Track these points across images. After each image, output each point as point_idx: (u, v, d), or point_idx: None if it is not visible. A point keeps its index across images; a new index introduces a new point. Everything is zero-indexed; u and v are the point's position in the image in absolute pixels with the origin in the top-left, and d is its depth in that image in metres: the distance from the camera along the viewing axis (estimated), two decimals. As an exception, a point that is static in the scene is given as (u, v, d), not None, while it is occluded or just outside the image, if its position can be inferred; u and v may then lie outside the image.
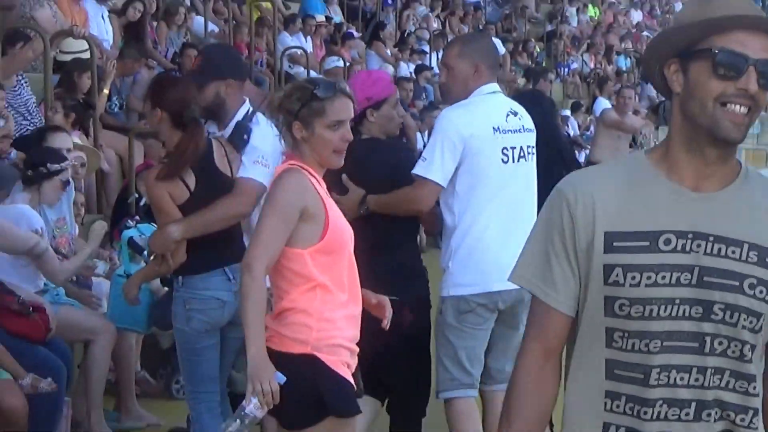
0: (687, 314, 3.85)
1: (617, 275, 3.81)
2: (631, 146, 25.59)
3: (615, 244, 3.81)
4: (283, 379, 7.27)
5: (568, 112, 33.36)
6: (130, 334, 11.83)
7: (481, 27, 36.58)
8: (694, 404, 3.90)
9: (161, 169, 9.08)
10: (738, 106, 3.79)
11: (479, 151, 9.09)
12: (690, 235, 3.81)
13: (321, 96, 7.47)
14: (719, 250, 3.84)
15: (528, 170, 9.68)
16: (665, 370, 3.87)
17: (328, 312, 7.39)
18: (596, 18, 46.84)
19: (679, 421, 3.91)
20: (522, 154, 9.44)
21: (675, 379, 3.89)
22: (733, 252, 3.85)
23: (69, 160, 11.61)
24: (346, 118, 7.46)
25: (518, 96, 14.41)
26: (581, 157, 26.12)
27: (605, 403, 4.00)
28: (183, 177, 9.00)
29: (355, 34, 29.20)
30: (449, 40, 32.88)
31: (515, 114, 9.33)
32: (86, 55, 15.99)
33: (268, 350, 7.48)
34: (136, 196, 14.05)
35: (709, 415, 3.91)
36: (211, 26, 24.10)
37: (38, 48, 15.14)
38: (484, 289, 9.27)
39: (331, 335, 7.36)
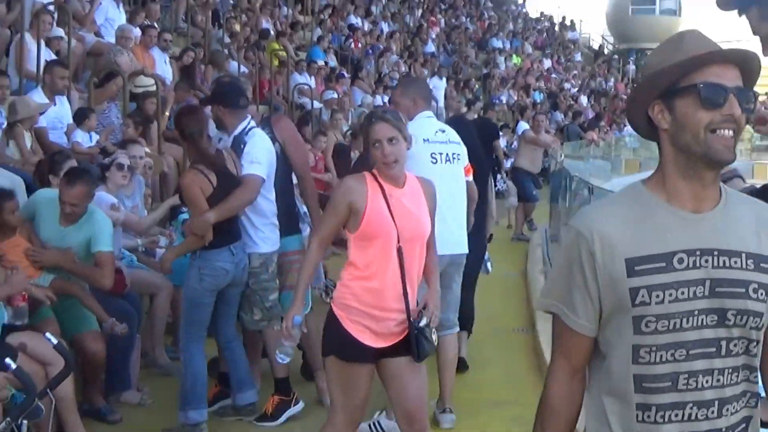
0: (705, 323, 3.70)
1: (643, 296, 3.64)
2: (544, 155, 25.73)
3: (636, 268, 3.64)
4: (299, 321, 7.45)
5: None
6: (182, 288, 11.95)
7: (435, 70, 36.62)
8: (716, 402, 3.76)
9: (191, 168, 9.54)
10: (726, 131, 3.66)
11: (413, 155, 9.14)
12: (698, 252, 3.69)
13: (366, 122, 7.59)
14: (724, 262, 3.71)
15: (455, 170, 10.03)
16: (692, 376, 3.72)
17: (348, 281, 7.37)
18: (518, 64, 46.73)
19: (706, 420, 3.76)
20: (448, 158, 9.83)
21: (701, 383, 3.74)
22: (735, 262, 3.74)
23: (116, 156, 11.78)
24: (382, 138, 7.32)
25: (458, 119, 15.10)
26: (508, 164, 26.21)
27: (637, 415, 3.80)
28: (208, 176, 9.30)
29: (345, 74, 29.24)
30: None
31: (443, 131, 9.79)
32: (153, 89, 16.06)
33: None
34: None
35: (727, 410, 3.77)
36: (243, 68, 24.11)
37: (119, 83, 15.24)
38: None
39: (345, 298, 7.30)
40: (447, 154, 9.81)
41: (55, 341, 7.13)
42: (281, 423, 9.84)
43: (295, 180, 11.09)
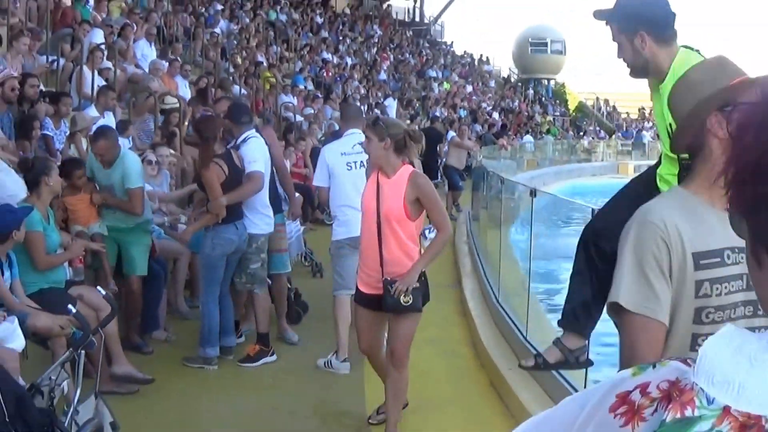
0: (744, 313, 3.33)
1: (706, 288, 3.27)
2: (468, 156, 25.87)
3: (701, 262, 3.27)
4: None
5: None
6: (198, 255, 12.01)
7: (388, 93, 36.74)
8: None
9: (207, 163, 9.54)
10: None
11: (333, 165, 9.61)
12: (737, 249, 3.31)
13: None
14: None
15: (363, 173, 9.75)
16: None
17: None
18: (448, 89, 46.72)
19: None
20: (362, 165, 9.57)
21: None
22: None
23: (146, 155, 11.86)
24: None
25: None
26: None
27: None
28: (223, 168, 9.44)
29: (319, 95, 29.17)
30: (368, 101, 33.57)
31: (360, 143, 9.10)
32: (176, 106, 16.04)
33: None
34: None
35: None
36: (244, 91, 24.06)
37: (152, 102, 15.22)
38: (349, 235, 9.52)
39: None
40: (361, 162, 9.60)
41: (103, 292, 7.13)
42: (257, 365, 9.75)
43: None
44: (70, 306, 6.66)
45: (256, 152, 10.02)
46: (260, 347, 10.04)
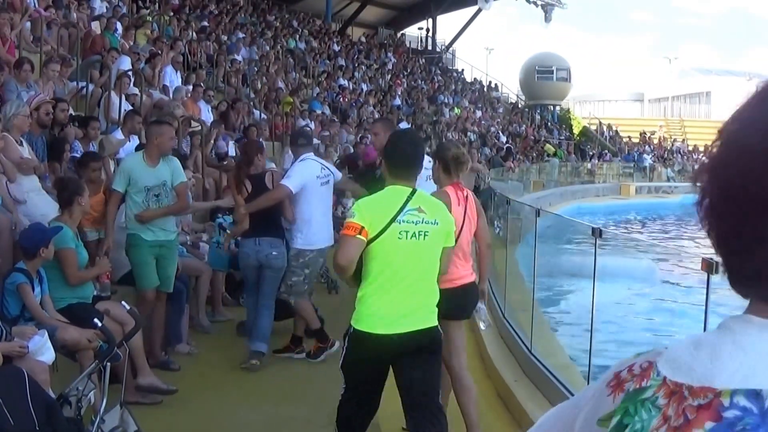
0: None
1: None
2: (477, 177, 25.84)
3: None
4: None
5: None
6: (219, 272, 12.06)
7: (401, 117, 36.72)
8: None
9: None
10: None
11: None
12: None
13: None
14: None
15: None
16: None
17: None
18: (458, 114, 46.73)
19: None
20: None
21: None
22: None
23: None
24: None
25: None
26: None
27: None
28: (246, 185, 10.05)
29: (335, 120, 29.24)
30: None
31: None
32: (198, 129, 16.15)
33: None
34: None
35: None
36: (263, 115, 24.17)
37: (176, 125, 15.32)
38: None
39: None
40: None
41: (128, 307, 7.17)
42: (320, 360, 10.28)
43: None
44: (96, 320, 6.69)
45: (297, 171, 10.32)
46: (318, 344, 10.56)
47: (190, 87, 20.59)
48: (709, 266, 5.43)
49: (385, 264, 6.04)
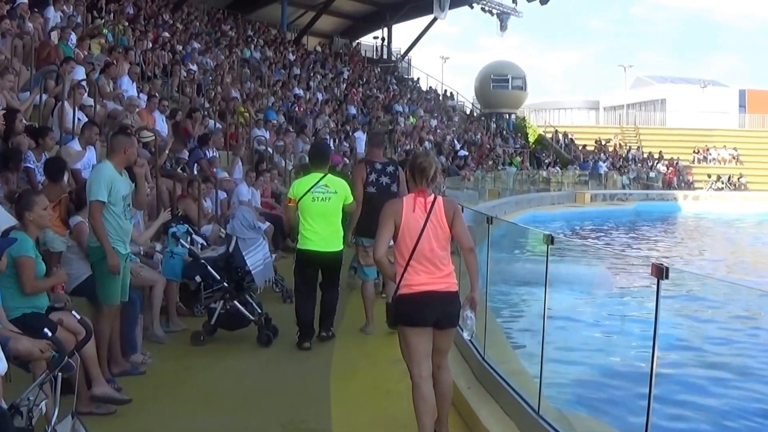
0: None
1: None
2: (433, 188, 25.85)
3: None
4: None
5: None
6: (172, 282, 12.05)
7: (357, 127, 36.80)
8: None
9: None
10: None
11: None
12: None
13: None
14: None
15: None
16: None
17: None
18: (414, 123, 46.87)
19: None
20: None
21: None
22: None
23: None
24: None
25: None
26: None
27: None
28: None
29: (291, 129, 29.23)
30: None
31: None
32: (152, 138, 16.18)
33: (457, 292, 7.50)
34: (178, 211, 14.29)
35: None
36: (218, 125, 24.13)
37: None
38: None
39: None
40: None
41: (78, 317, 7.18)
42: None
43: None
44: (46, 330, 6.69)
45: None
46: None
47: (145, 97, 20.57)
48: (659, 271, 5.48)
49: (307, 214, 11.41)
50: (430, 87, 65.92)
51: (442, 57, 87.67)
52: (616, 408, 9.73)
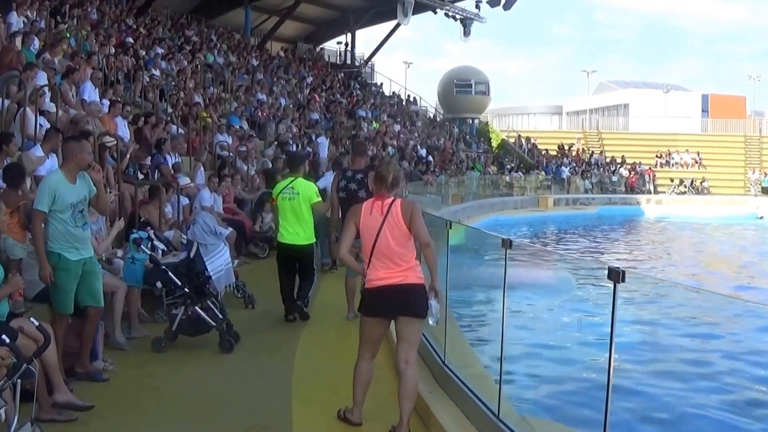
0: None
1: None
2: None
3: None
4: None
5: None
6: (134, 288, 12.01)
7: (319, 132, 36.72)
8: None
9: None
10: None
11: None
12: None
13: None
14: None
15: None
16: None
17: None
18: (377, 128, 46.84)
19: None
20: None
21: None
22: None
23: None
24: None
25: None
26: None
27: None
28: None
29: (253, 134, 29.26)
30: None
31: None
32: (113, 144, 16.14)
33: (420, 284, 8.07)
34: (140, 217, 14.26)
35: None
36: (180, 130, 24.08)
37: (91, 141, 15.20)
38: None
39: None
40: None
41: (36, 323, 7.15)
42: None
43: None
44: (4, 337, 6.67)
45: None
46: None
47: (107, 102, 20.49)
48: (615, 275, 5.52)
49: (282, 211, 13.52)
50: (394, 92, 65.98)
51: (406, 62, 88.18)
52: (576, 411, 9.81)
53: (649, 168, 67.05)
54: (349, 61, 64.56)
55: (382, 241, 7.99)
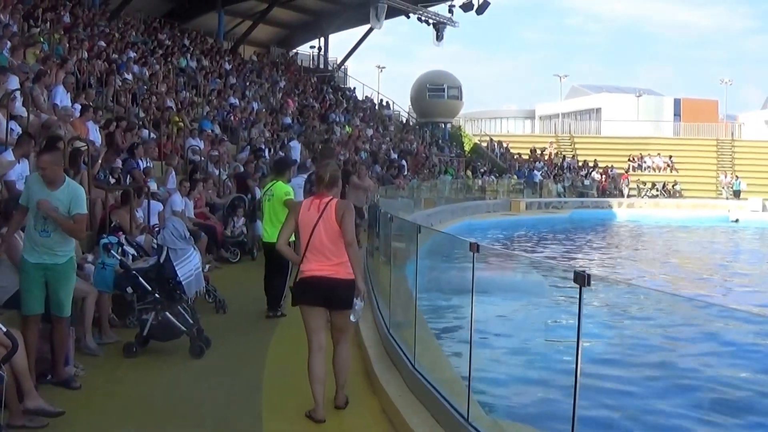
0: None
1: None
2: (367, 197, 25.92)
3: None
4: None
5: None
6: (104, 293, 11.98)
7: (292, 136, 36.73)
8: None
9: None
10: None
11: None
12: None
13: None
14: None
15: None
16: None
17: None
18: (350, 132, 46.84)
19: None
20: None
21: None
22: None
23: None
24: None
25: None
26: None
27: None
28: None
29: (225, 139, 29.24)
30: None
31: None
32: (84, 148, 16.08)
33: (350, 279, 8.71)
34: (111, 222, 14.25)
35: None
36: (152, 135, 24.05)
37: (61, 146, 15.15)
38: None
39: None
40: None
41: (4, 329, 7.13)
42: None
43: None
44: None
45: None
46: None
47: (79, 106, 20.42)
48: (581, 279, 5.55)
49: (265, 212, 14.46)
50: (367, 96, 66.03)
51: (379, 66, 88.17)
52: (546, 414, 9.84)
53: (625, 172, 67.29)
54: (322, 66, 64.62)
55: (317, 236, 8.71)
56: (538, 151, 68.92)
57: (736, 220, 51.26)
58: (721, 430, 10.64)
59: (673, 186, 65.72)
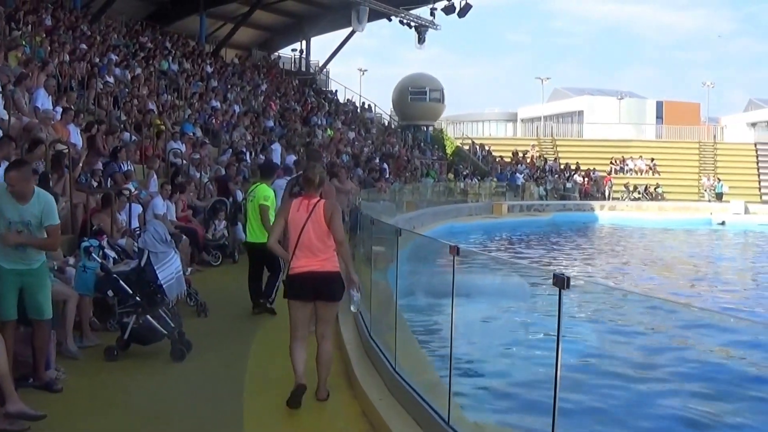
0: None
1: None
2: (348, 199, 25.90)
3: None
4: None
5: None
6: (85, 297, 11.97)
7: (274, 139, 36.73)
8: None
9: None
10: None
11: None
12: None
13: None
14: None
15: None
16: None
17: None
18: (331, 135, 46.86)
19: None
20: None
21: None
22: None
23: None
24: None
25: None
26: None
27: None
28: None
29: (207, 141, 29.22)
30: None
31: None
32: (66, 151, 16.05)
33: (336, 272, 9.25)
34: (93, 225, 14.24)
35: None
36: (134, 137, 24.04)
37: (42, 149, 15.11)
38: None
39: None
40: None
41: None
42: None
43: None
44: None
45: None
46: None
47: (60, 109, 20.38)
48: (560, 281, 5.56)
49: (248, 213, 14.84)
50: (348, 99, 66.07)
51: (360, 69, 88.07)
52: (527, 416, 9.88)
53: (608, 175, 67.43)
54: (303, 69, 64.64)
55: (305, 235, 9.09)
56: (520, 154, 69.02)
57: (722, 223, 51.50)
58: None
59: (655, 189, 65.87)
